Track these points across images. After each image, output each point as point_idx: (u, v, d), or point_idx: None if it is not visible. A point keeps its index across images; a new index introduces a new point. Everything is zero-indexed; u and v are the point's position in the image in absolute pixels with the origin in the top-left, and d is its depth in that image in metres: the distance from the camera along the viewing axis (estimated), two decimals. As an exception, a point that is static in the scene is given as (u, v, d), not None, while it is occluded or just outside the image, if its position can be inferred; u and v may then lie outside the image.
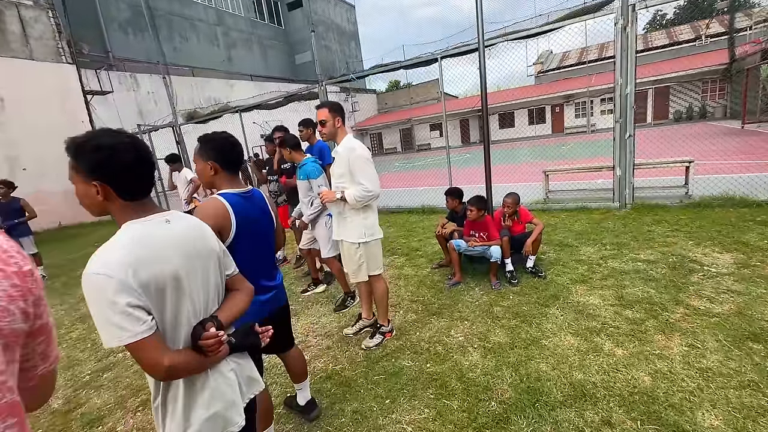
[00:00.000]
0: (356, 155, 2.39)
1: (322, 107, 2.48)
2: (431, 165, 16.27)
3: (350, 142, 2.48)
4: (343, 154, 2.44)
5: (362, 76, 6.77)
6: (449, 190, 3.98)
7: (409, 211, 6.98)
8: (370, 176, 2.40)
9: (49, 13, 11.47)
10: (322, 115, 2.45)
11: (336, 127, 2.47)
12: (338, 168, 2.50)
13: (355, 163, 2.38)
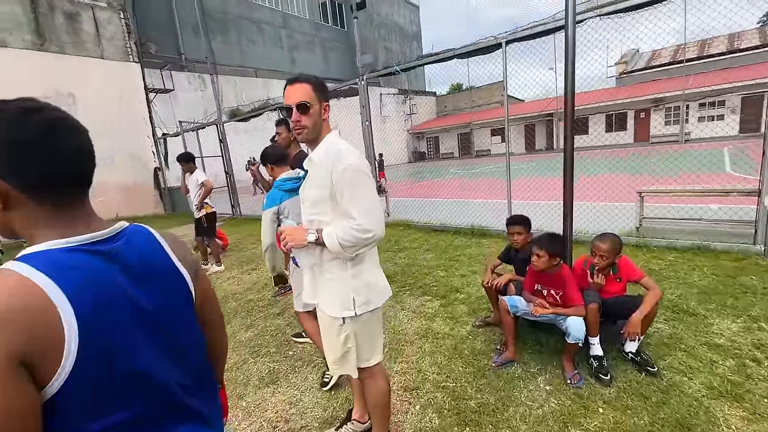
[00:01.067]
0: (346, 167, 1.36)
1: (302, 82, 1.42)
2: (490, 173, 14.72)
3: (336, 144, 1.45)
4: (323, 164, 1.41)
5: (408, 68, 5.72)
6: (513, 219, 2.75)
7: (455, 232, 5.78)
8: (367, 205, 1.37)
9: (121, 14, 12.05)
10: (301, 94, 1.39)
11: (322, 120, 1.46)
12: (313, 188, 1.47)
13: (345, 180, 1.36)
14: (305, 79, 1.42)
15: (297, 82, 1.42)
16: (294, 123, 1.41)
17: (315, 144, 1.48)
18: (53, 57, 10.60)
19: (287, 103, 1.41)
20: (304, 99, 1.39)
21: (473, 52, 4.94)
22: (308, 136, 1.45)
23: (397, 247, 5.36)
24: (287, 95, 1.41)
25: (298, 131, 1.43)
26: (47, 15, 10.51)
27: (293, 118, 1.40)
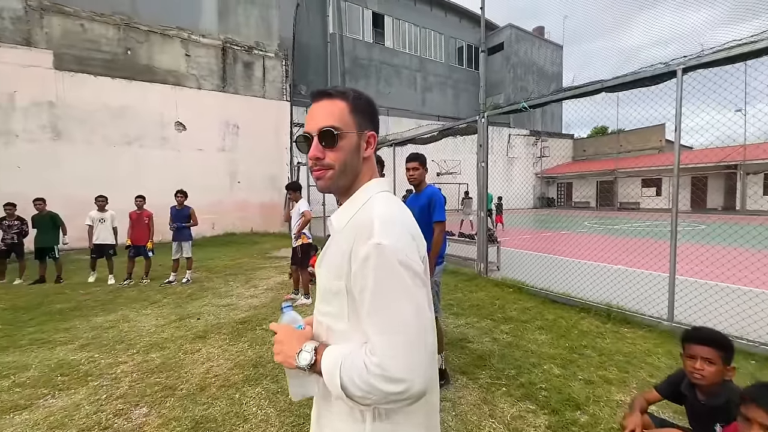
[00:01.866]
0: (371, 250, 0.75)
1: (332, 97, 0.88)
2: (638, 232, 11.97)
3: (374, 202, 0.87)
4: (345, 235, 0.85)
5: (538, 104, 4.87)
6: (700, 334, 1.60)
7: (583, 309, 4.46)
8: (400, 332, 0.73)
9: (283, 62, 14.29)
10: (326, 115, 0.87)
11: (361, 159, 0.90)
12: (327, 271, 0.88)
13: (366, 274, 0.75)
14: (338, 94, 0.88)
15: (324, 98, 0.88)
16: (311, 160, 0.87)
17: (346, 196, 0.92)
18: (229, 96, 13.09)
19: (305, 129, 0.89)
20: (332, 123, 0.84)
21: (630, 84, 3.85)
22: (334, 184, 0.88)
23: (501, 315, 4.37)
24: (308, 117, 0.90)
25: (317, 174, 0.88)
26: (231, 65, 13.14)
27: (310, 153, 0.86)
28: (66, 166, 10.27)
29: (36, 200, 6.69)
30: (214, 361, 3.43)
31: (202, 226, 12.14)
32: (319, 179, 0.88)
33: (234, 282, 6.50)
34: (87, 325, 4.48)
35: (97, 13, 10.82)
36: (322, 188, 0.90)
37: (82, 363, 3.43)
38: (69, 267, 7.69)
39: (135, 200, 6.58)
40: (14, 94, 9.76)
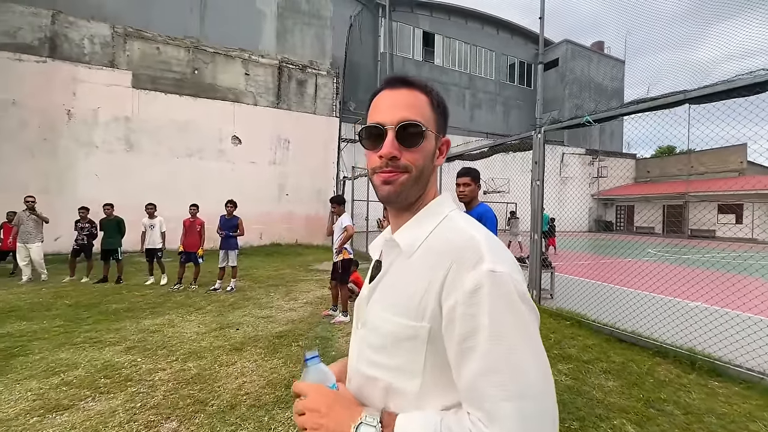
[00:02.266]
0: (482, 279, 0.57)
1: (414, 87, 0.72)
2: (717, 263, 10.55)
3: (457, 220, 0.71)
4: (427, 260, 0.66)
5: (605, 118, 4.39)
6: None
7: (658, 352, 3.82)
8: (530, 387, 0.54)
9: (335, 79, 14.72)
10: (408, 106, 0.70)
11: (433, 166, 0.75)
12: (387, 309, 0.68)
13: (475, 312, 0.57)
14: (420, 85, 0.73)
15: (404, 86, 0.72)
16: (382, 159, 0.69)
17: (408, 212, 0.75)
18: (283, 112, 13.67)
19: (376, 119, 0.71)
20: (416, 117, 0.69)
21: (723, 95, 3.33)
22: (405, 192, 0.71)
23: (558, 352, 3.87)
24: (381, 106, 0.72)
25: (387, 176, 0.69)
26: (286, 82, 13.77)
27: (384, 150, 0.68)
28: (136, 175, 11.18)
29: (105, 205, 7.25)
30: (248, 376, 3.32)
31: (250, 236, 12.63)
32: (387, 183, 0.69)
33: (275, 293, 6.52)
34: (135, 327, 4.63)
35: (171, 37, 11.88)
36: (390, 195, 0.70)
37: (125, 366, 3.49)
38: (129, 269, 8.22)
39: (189, 208, 6.89)
40: (97, 110, 10.88)
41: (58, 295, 6.15)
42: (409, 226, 0.73)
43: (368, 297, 0.74)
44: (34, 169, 10.12)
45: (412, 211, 0.74)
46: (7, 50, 9.92)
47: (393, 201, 0.72)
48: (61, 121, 10.46)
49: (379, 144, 0.69)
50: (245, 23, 13.13)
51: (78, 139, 10.66)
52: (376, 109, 0.73)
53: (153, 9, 11.75)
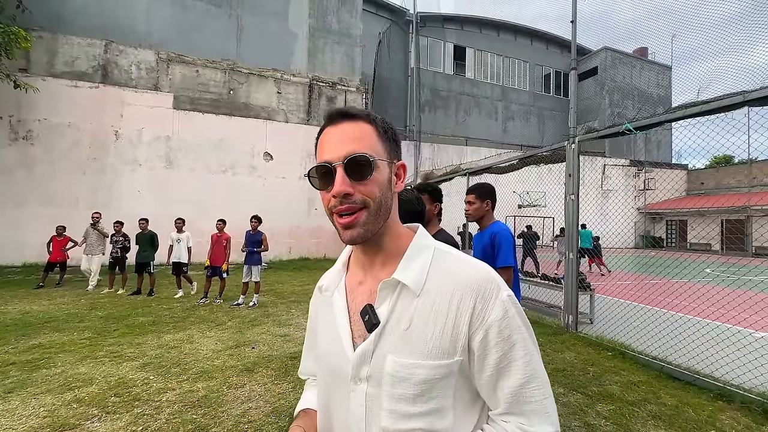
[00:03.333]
0: (506, 310, 0.66)
1: (357, 119, 0.70)
2: (788, 288, 9.28)
3: (450, 253, 0.75)
4: (443, 295, 0.68)
5: (648, 126, 3.95)
6: None
7: (721, 395, 3.26)
8: (549, 387, 0.69)
9: (364, 95, 14.88)
10: (353, 140, 0.68)
11: (391, 194, 0.72)
12: (426, 361, 0.65)
13: (503, 343, 0.66)
14: (362, 115, 0.71)
15: (345, 119, 0.70)
16: (335, 198, 0.67)
17: (377, 247, 0.73)
18: (313, 128, 13.92)
19: (323, 158, 0.69)
20: (361, 149, 0.67)
21: (792, 94, 2.86)
22: (369, 229, 0.68)
23: (597, 389, 3.40)
24: (325, 143, 0.70)
25: (346, 220, 0.67)
26: (316, 99, 14.08)
27: (335, 189, 0.66)
28: (174, 191, 11.73)
29: (141, 220, 7.56)
30: (254, 401, 3.17)
31: (280, 249, 12.82)
32: (349, 227, 0.67)
33: (296, 310, 6.43)
34: (156, 342, 4.66)
35: (210, 60, 12.55)
36: (355, 238, 0.68)
37: (136, 384, 3.46)
38: (163, 281, 8.49)
39: (216, 223, 7.02)
40: (142, 131, 11.59)
41: (94, 307, 6.41)
42: (407, 264, 0.70)
43: (371, 349, 0.67)
44: (84, 186, 10.89)
45: (381, 246, 0.73)
46: (66, 78, 10.87)
47: (358, 242, 0.69)
48: (109, 141, 11.24)
49: (330, 182, 0.67)
50: (278, 44, 13.65)
51: (123, 158, 11.38)
52: (322, 147, 0.70)
53: (194, 35, 12.49)
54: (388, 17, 19.68)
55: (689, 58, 69.23)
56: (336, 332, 0.73)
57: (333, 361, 0.73)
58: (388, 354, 0.66)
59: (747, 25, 10.00)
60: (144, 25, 11.90)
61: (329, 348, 0.74)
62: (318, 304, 0.85)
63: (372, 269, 0.74)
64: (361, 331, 0.70)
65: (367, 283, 0.74)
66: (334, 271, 0.81)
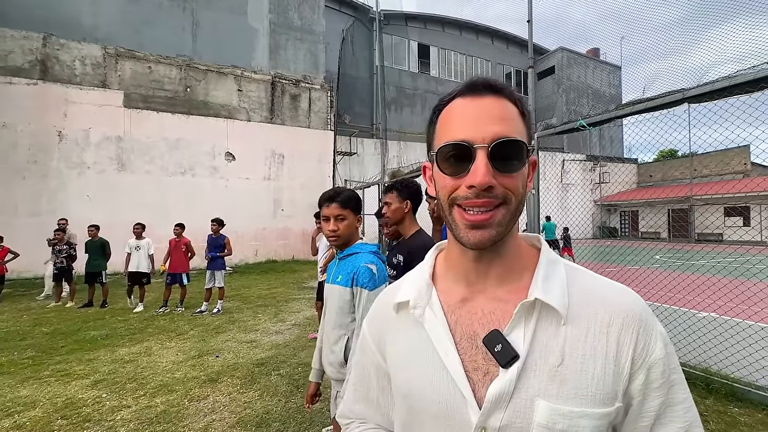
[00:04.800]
0: (668, 351, 0.55)
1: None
2: (728, 270, 10.15)
3: (575, 267, 0.62)
4: (598, 332, 0.54)
5: (600, 122, 4.16)
6: None
7: (669, 371, 3.51)
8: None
9: (329, 93, 14.69)
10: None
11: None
12: (579, 409, 0.51)
13: (678, 375, 0.54)
14: (508, 92, 0.57)
15: (491, 93, 0.56)
16: (478, 188, 0.52)
17: (495, 254, 0.59)
18: (276, 127, 13.59)
19: (459, 135, 0.55)
20: (513, 133, 0.54)
21: (725, 92, 3.09)
22: (504, 230, 0.56)
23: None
24: (460, 117, 0.56)
25: (483, 217, 0.54)
26: (279, 97, 13.73)
27: (478, 179, 0.52)
28: (127, 195, 11.03)
29: (90, 227, 7.04)
30: (218, 413, 3.03)
31: (246, 252, 12.41)
32: (482, 226, 0.54)
33: (263, 315, 6.24)
34: (109, 357, 4.36)
35: (163, 56, 11.89)
36: (485, 241, 0.54)
37: (87, 404, 3.21)
38: (117, 291, 7.95)
39: (174, 228, 6.67)
40: (89, 131, 10.80)
41: (38, 322, 5.90)
42: (544, 283, 0.56)
43: (510, 390, 0.52)
44: (25, 192, 10.00)
45: (502, 255, 0.59)
46: (-2, 74, 9.91)
47: (488, 246, 0.55)
48: (52, 142, 10.38)
49: (463, 168, 0.54)
50: (237, 40, 13.16)
51: (69, 160, 10.55)
52: (453, 121, 0.56)
53: (145, 29, 11.79)
54: (351, 14, 19.51)
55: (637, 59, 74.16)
56: (438, 364, 0.57)
57: (438, 403, 0.56)
58: (536, 398, 0.51)
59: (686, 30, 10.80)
60: (89, 18, 11.07)
61: (430, 385, 0.57)
62: (391, 325, 0.66)
63: (483, 284, 0.59)
64: (477, 363, 0.55)
65: (476, 302, 0.59)
66: (417, 284, 0.64)
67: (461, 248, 0.58)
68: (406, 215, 2.09)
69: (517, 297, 0.56)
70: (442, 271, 0.65)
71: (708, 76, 3.25)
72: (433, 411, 0.56)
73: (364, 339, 0.72)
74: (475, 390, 0.54)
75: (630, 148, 31.18)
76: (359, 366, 0.73)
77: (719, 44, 8.24)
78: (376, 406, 0.70)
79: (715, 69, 32.17)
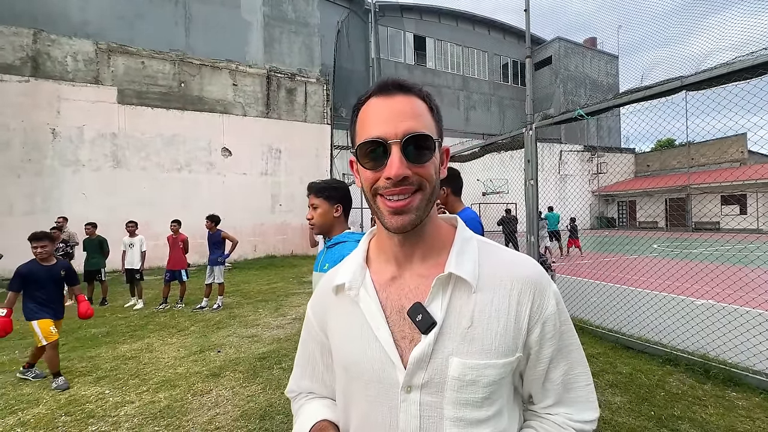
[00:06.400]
0: (558, 305, 0.67)
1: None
2: (725, 257, 10.23)
3: (483, 240, 0.73)
4: (504, 296, 0.64)
5: (597, 111, 4.15)
6: None
7: (668, 360, 3.52)
8: (591, 383, 0.70)
9: (325, 87, 14.57)
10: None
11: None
12: (489, 361, 0.61)
13: (557, 335, 0.66)
14: (416, 90, 0.66)
15: (400, 92, 0.63)
16: (394, 179, 0.60)
17: (417, 237, 0.67)
18: (273, 122, 13.49)
19: (374, 133, 0.61)
20: (421, 128, 0.61)
21: (723, 78, 3.08)
22: (421, 215, 0.65)
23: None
24: (375, 116, 0.63)
25: (402, 203, 0.61)
26: (275, 91, 13.60)
27: (394, 170, 0.59)
28: (124, 192, 10.96)
29: (87, 225, 7.00)
30: (222, 407, 3.05)
31: (244, 248, 12.38)
32: (402, 211, 0.61)
33: (263, 309, 6.25)
34: (111, 354, 4.37)
35: (157, 51, 11.73)
36: (406, 224, 0.61)
37: (90, 400, 3.22)
38: (117, 289, 7.94)
39: (170, 225, 6.64)
40: (83, 128, 10.69)
41: (38, 321, 5.88)
42: (458, 258, 0.65)
43: (429, 352, 0.60)
44: (19, 190, 9.91)
45: (422, 236, 0.66)
46: (-11, 71, 9.77)
47: (409, 229, 0.62)
48: (45, 140, 10.27)
49: (380, 163, 0.60)
50: (231, 34, 13.00)
51: (64, 158, 10.46)
52: (368, 120, 0.62)
53: (137, 24, 11.62)
54: (346, 6, 19.27)
55: (634, 48, 73.80)
56: (371, 336, 0.64)
57: (372, 370, 0.64)
58: (450, 356, 0.60)
59: (683, 18, 10.73)
60: (79, 13, 10.89)
61: (364, 355, 0.65)
62: (331, 306, 0.73)
63: (409, 263, 0.67)
64: (404, 332, 0.63)
65: (403, 279, 0.67)
66: (352, 267, 0.70)
67: (388, 233, 0.65)
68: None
69: (436, 272, 0.64)
70: (374, 254, 0.72)
71: (706, 63, 3.22)
72: (368, 377, 0.64)
73: (308, 321, 0.79)
74: (403, 355, 0.62)
75: (627, 138, 31.15)
76: (304, 345, 0.81)
77: (718, 32, 8.19)
78: (321, 381, 0.78)
79: (714, 56, 32.00)
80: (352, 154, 0.65)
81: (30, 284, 3.69)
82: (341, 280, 0.69)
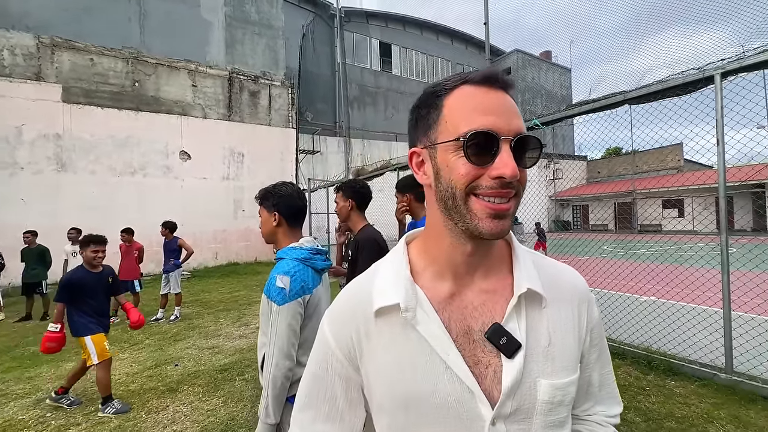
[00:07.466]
0: (597, 311, 0.67)
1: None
2: (664, 257, 11.13)
3: (526, 250, 0.67)
4: (567, 307, 0.62)
5: (552, 121, 4.43)
6: None
7: (615, 354, 3.80)
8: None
9: (289, 90, 14.37)
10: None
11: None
12: (565, 375, 0.58)
13: (600, 338, 0.67)
14: (512, 90, 0.58)
15: (509, 89, 0.56)
16: (508, 179, 0.52)
17: (488, 250, 0.60)
18: (235, 125, 13.09)
19: (485, 124, 0.51)
20: (524, 130, 0.55)
21: (658, 94, 3.38)
22: (512, 223, 0.60)
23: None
24: (483, 105, 0.53)
25: (506, 209, 0.54)
26: (237, 94, 13.23)
27: (509, 170, 0.51)
28: (68, 197, 10.18)
29: (25, 233, 6.44)
30: (179, 423, 2.90)
31: (205, 255, 11.88)
32: (504, 215, 0.53)
33: (225, 319, 6.02)
34: (53, 373, 4.03)
35: (107, 48, 11.05)
36: (505, 230, 0.54)
37: (29, 425, 2.96)
38: (60, 302, 7.33)
39: (120, 234, 6.23)
40: (22, 128, 9.83)
41: (-35, 341, 5.31)
42: (526, 272, 0.60)
43: (519, 378, 0.54)
44: (-56, 196, 8.93)
45: (492, 249, 0.60)
46: None
47: (503, 236, 0.56)
48: (-24, 140, 9.34)
49: (485, 159, 0.51)
50: (190, 33, 12.50)
51: (-1, 160, 9.55)
52: (473, 109, 0.53)
53: (85, 18, 10.88)
54: (311, 10, 19.17)
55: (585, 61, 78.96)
56: (440, 365, 0.55)
57: (447, 406, 0.54)
58: (538, 379, 0.55)
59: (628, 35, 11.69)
60: (17, 4, 10.05)
61: (434, 387, 0.55)
62: (371, 334, 0.60)
63: (470, 278, 0.59)
64: (477, 357, 0.55)
65: (464, 296, 0.59)
66: (400, 284, 0.59)
67: (454, 241, 0.57)
68: (351, 212, 2.29)
69: (502, 287, 0.59)
70: (421, 266, 0.62)
71: (646, 79, 3.53)
72: (442, 414, 0.55)
73: (327, 354, 0.63)
74: (480, 383, 0.54)
75: (580, 146, 33.21)
76: (319, 383, 0.64)
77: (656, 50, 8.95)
78: (340, 420, 0.63)
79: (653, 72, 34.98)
80: (424, 145, 0.59)
81: (79, 294, 3.20)
82: (389, 301, 0.57)
